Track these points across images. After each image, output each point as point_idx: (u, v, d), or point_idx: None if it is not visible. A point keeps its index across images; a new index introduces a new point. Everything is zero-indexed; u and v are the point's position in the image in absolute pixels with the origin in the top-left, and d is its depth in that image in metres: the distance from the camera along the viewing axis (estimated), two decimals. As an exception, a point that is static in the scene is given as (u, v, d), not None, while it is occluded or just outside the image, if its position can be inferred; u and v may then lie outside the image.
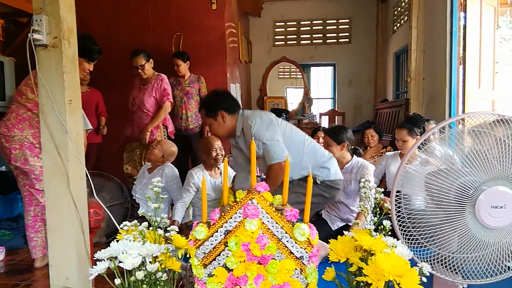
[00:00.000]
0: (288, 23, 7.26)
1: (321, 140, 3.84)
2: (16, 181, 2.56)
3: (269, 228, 1.23)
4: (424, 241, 1.58)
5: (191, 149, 4.23)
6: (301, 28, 7.27)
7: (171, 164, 3.34)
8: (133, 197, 3.25)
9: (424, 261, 1.57)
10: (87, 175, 1.90)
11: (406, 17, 5.59)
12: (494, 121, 1.62)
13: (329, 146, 2.90)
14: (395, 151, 3.34)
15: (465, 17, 3.89)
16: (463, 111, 3.89)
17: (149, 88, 3.60)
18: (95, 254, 1.16)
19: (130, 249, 1.17)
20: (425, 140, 1.61)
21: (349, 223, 2.90)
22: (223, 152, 3.27)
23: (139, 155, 3.66)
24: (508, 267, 1.57)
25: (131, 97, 3.75)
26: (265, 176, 2.50)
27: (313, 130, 4.13)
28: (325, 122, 7.18)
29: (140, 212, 1.48)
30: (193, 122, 4.13)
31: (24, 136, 2.39)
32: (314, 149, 2.54)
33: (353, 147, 3.01)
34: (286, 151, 2.29)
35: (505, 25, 6.84)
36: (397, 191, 1.62)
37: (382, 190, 1.44)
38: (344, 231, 1.42)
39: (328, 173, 2.49)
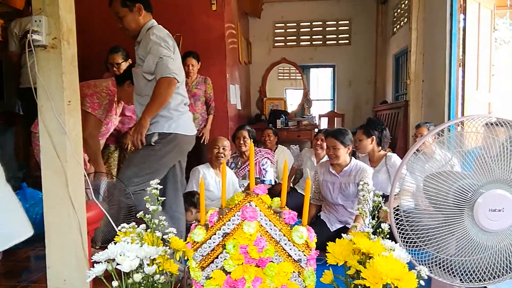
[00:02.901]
0: (288, 24, 7.26)
1: (319, 142, 3.82)
2: None
3: (267, 231, 1.23)
4: (422, 244, 1.58)
5: (197, 151, 4.22)
6: (301, 29, 7.27)
7: None
8: None
9: (422, 264, 1.56)
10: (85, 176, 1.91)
11: (405, 19, 5.60)
12: (492, 123, 1.63)
13: (336, 150, 2.83)
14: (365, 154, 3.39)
15: (464, 19, 3.90)
16: (462, 113, 3.90)
17: None
18: (93, 256, 1.16)
19: (128, 251, 1.17)
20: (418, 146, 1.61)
21: (347, 225, 2.90)
22: (226, 153, 3.32)
23: (116, 158, 3.50)
24: (506, 270, 1.57)
25: None
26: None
27: (317, 132, 4.16)
28: (324, 124, 7.18)
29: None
30: (199, 123, 4.12)
31: None
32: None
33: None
34: (178, 72, 2.24)
35: (504, 27, 6.85)
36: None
37: (381, 193, 1.44)
38: (342, 234, 1.42)
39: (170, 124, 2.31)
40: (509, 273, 1.56)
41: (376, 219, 1.38)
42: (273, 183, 3.89)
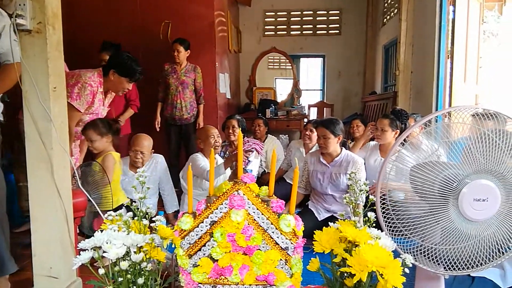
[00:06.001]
0: (278, 13, 7.21)
1: (308, 132, 3.83)
2: None
3: (254, 219, 1.24)
4: (408, 233, 1.60)
5: (185, 139, 4.20)
6: (291, 19, 7.23)
7: (160, 155, 3.32)
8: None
9: (407, 252, 1.59)
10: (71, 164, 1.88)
11: (396, 10, 5.60)
12: (479, 114, 1.64)
13: (326, 139, 2.83)
14: (377, 142, 3.39)
15: (454, 11, 3.91)
16: (450, 105, 3.94)
17: None
18: (79, 243, 1.15)
19: (115, 239, 1.16)
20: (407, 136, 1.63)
21: (334, 214, 2.92)
22: (220, 140, 3.34)
23: None
24: (489, 258, 1.60)
25: None
26: None
27: (306, 123, 4.16)
28: (313, 114, 7.20)
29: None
30: (188, 112, 4.10)
31: None
32: None
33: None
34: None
35: (493, 20, 6.89)
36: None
37: (368, 182, 1.45)
38: (329, 222, 1.43)
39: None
40: (492, 261, 1.60)
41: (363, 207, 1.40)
42: (254, 174, 3.88)
